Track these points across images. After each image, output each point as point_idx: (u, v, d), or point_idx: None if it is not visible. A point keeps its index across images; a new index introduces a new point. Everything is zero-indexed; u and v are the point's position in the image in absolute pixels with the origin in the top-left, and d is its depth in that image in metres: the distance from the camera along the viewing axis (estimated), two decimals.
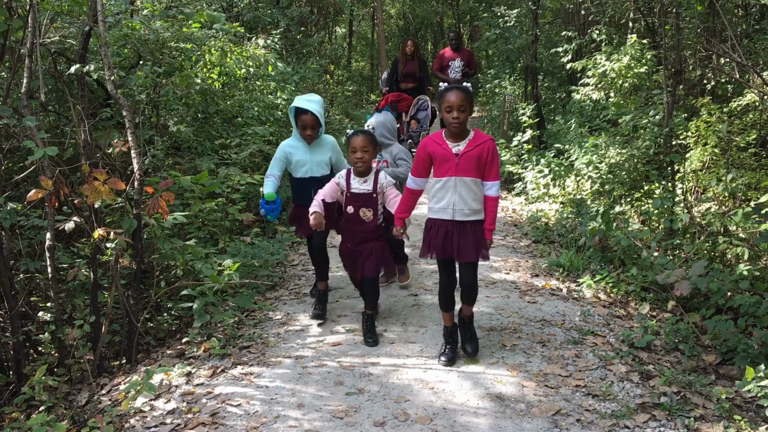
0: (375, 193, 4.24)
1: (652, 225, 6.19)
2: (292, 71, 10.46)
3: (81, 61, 4.46)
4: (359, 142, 4.15)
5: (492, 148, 3.78)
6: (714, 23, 8.11)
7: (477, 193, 3.80)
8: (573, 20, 10.85)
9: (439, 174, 3.82)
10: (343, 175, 4.29)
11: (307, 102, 4.53)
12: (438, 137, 3.83)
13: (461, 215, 3.81)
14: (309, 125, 4.55)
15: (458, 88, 3.70)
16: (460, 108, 3.67)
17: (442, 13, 29.53)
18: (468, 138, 3.79)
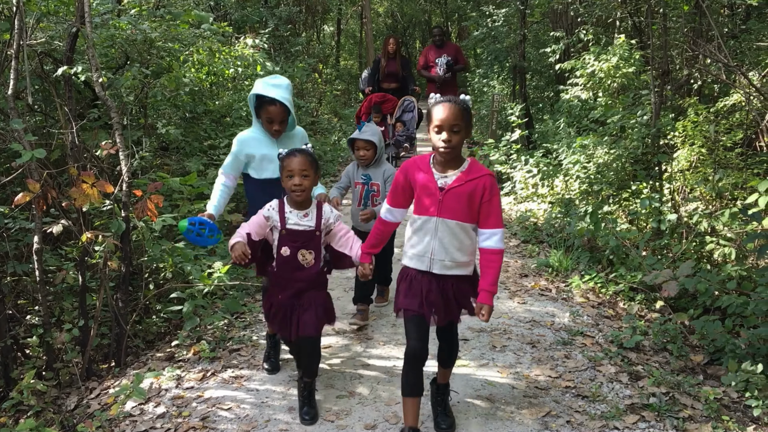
0: (318, 230, 3.30)
1: (640, 225, 6.23)
2: (281, 71, 10.42)
3: (68, 62, 4.43)
4: (297, 163, 3.18)
5: (490, 186, 2.91)
6: (701, 23, 8.17)
7: (463, 242, 2.98)
8: (561, 20, 10.88)
9: (418, 210, 3.02)
10: (274, 206, 3.29)
11: (272, 88, 3.59)
12: (424, 162, 3.01)
13: (440, 267, 2.99)
14: (277, 118, 3.62)
15: (452, 101, 2.84)
16: (452, 128, 2.81)
17: (430, 11, 29.55)
18: (461, 169, 2.93)
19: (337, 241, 3.38)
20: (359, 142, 4.38)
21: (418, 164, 3.04)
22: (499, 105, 11.29)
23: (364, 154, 4.37)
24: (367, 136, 4.32)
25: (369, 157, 4.40)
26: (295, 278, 3.30)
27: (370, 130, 4.32)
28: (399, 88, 9.79)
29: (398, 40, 10.03)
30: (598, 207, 6.22)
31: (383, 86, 9.77)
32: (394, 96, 9.51)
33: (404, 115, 9.59)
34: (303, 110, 12.07)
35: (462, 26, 22.41)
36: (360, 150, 4.37)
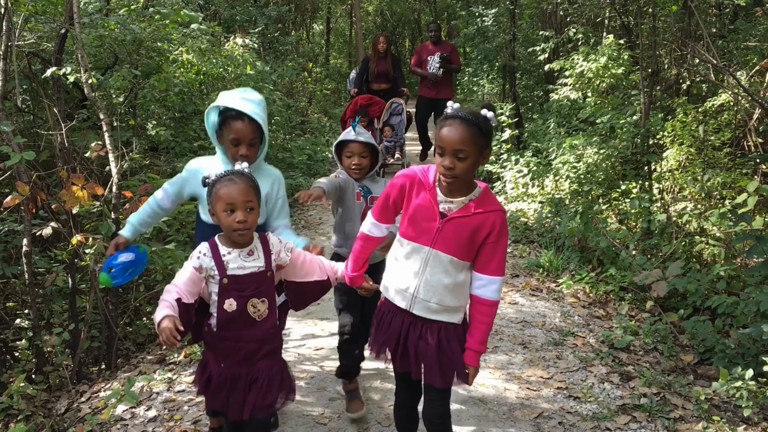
0: (269, 269, 2.54)
1: (630, 224, 6.26)
2: (270, 70, 10.39)
3: (57, 63, 4.40)
4: (239, 193, 2.41)
5: (500, 225, 2.40)
6: (689, 23, 8.21)
7: (456, 282, 2.47)
8: (550, 20, 10.91)
9: (409, 233, 2.49)
10: (205, 251, 2.47)
11: (242, 101, 2.79)
12: (426, 175, 2.48)
13: (422, 308, 2.51)
14: (245, 138, 2.76)
15: (464, 118, 2.28)
16: (456, 153, 2.27)
17: (420, 10, 29.57)
18: (470, 196, 2.41)
19: (297, 272, 2.68)
20: (353, 146, 3.27)
21: (420, 179, 2.48)
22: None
23: (359, 162, 3.27)
24: (365, 138, 3.30)
25: (365, 167, 3.31)
26: (244, 338, 2.53)
27: (365, 133, 3.40)
28: (390, 90, 9.32)
29: (388, 38, 9.59)
30: (588, 207, 6.25)
31: (373, 87, 9.30)
32: (383, 98, 9.08)
33: (392, 118, 9.13)
34: (293, 110, 12.04)
35: (451, 25, 22.43)
36: (353, 157, 3.28)
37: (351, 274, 2.72)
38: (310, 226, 7.45)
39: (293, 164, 9.79)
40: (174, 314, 2.34)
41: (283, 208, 3.01)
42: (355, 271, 2.71)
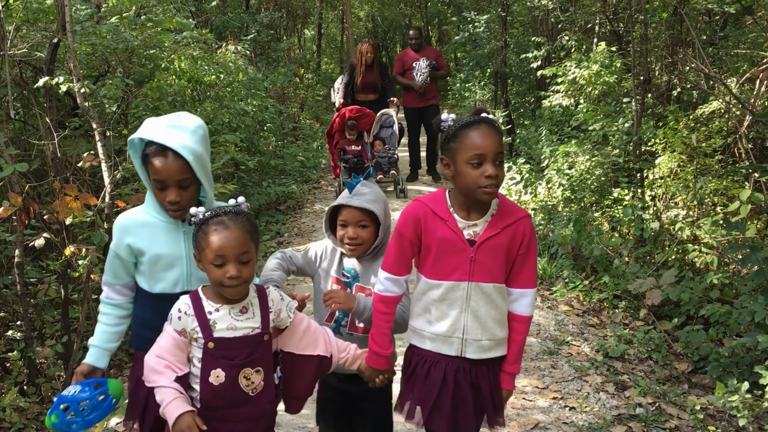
0: (267, 331, 2.10)
1: (623, 231, 6.29)
2: (263, 77, 10.37)
3: (49, 73, 4.37)
4: (229, 241, 1.98)
5: (529, 232, 2.20)
6: (680, 31, 8.27)
7: (502, 310, 2.24)
8: (541, 26, 10.96)
9: (437, 273, 2.21)
10: (185, 309, 2.05)
11: (167, 130, 2.17)
12: (439, 205, 2.20)
13: (475, 350, 2.22)
14: (170, 179, 2.16)
15: (488, 122, 2.10)
16: (497, 157, 2.07)
17: (410, 15, 29.61)
18: (490, 212, 2.19)
19: (297, 340, 2.22)
20: (348, 212, 2.44)
21: (431, 209, 2.19)
22: None
23: (356, 236, 2.43)
24: (367, 203, 2.42)
25: (366, 241, 2.46)
26: (235, 417, 2.07)
27: (372, 191, 2.49)
28: (378, 101, 8.72)
29: (375, 45, 8.83)
30: (581, 214, 6.27)
31: (359, 98, 8.70)
32: (371, 110, 8.45)
33: (383, 131, 8.55)
34: (285, 116, 12.02)
35: (442, 30, 22.51)
36: (348, 228, 2.44)
37: (379, 353, 2.27)
38: (303, 234, 7.44)
39: (286, 171, 9.78)
40: (191, 406, 1.97)
41: None
42: (383, 349, 2.27)
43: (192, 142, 2.16)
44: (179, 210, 2.20)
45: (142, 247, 2.24)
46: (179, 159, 2.13)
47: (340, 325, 2.53)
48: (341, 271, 2.52)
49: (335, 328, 2.49)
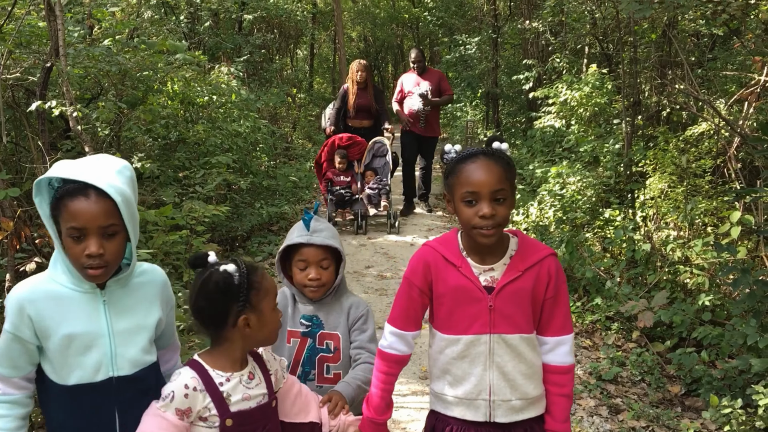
0: (273, 396, 1.91)
1: (614, 252, 6.31)
2: (255, 98, 10.41)
3: (42, 97, 4.38)
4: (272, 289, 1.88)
5: (555, 272, 1.96)
6: (669, 52, 8.37)
7: (533, 364, 1.97)
8: (532, 48, 11.06)
9: (454, 327, 1.97)
10: (194, 383, 1.76)
11: (89, 169, 1.77)
12: (451, 248, 1.98)
13: (506, 412, 1.96)
14: (92, 225, 1.73)
15: (488, 153, 1.89)
16: (494, 195, 1.86)
17: (402, 35, 29.83)
18: (509, 252, 1.97)
19: (289, 406, 2.00)
20: (308, 251, 2.24)
21: (441, 253, 1.97)
22: (472, 131, 11.37)
23: (317, 276, 2.24)
24: (329, 240, 2.26)
25: (327, 282, 2.27)
26: None
27: (327, 226, 2.33)
28: (372, 127, 8.17)
29: (368, 66, 8.28)
30: (573, 235, 6.29)
31: (352, 124, 8.13)
32: (364, 137, 7.96)
33: (375, 161, 8.06)
34: (277, 136, 12.05)
35: (434, 51, 22.67)
36: (310, 268, 2.24)
37: (374, 419, 2.04)
38: None
39: (278, 191, 9.78)
40: None
41: (174, 329, 2.09)
42: (379, 415, 2.04)
43: (119, 182, 1.77)
44: (101, 268, 1.74)
45: (49, 326, 1.76)
46: (104, 199, 1.72)
47: (307, 378, 2.27)
48: (298, 321, 2.28)
49: (304, 380, 2.25)
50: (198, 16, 10.78)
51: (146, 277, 1.96)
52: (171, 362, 2.09)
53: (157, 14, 9.67)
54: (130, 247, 1.86)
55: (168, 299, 2.01)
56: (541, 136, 9.26)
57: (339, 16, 19.46)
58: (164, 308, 1.96)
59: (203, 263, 1.84)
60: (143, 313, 1.90)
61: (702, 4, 5.77)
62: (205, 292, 1.79)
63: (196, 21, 10.92)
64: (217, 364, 1.80)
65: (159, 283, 1.98)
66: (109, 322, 1.83)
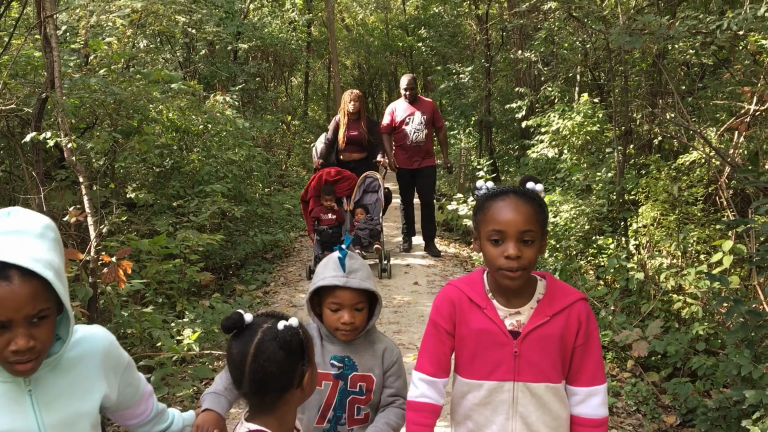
0: None
1: (608, 280, 6.32)
2: (250, 126, 10.46)
3: (36, 129, 4.40)
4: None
5: (585, 318, 1.86)
6: (659, 81, 8.47)
7: (559, 416, 1.88)
8: (525, 77, 11.18)
9: (476, 372, 1.88)
10: None
11: (3, 240, 1.40)
12: (476, 289, 1.90)
13: None
14: (19, 314, 1.37)
15: (518, 193, 1.81)
16: (522, 236, 1.77)
17: (396, 63, 30.10)
18: (536, 296, 1.88)
19: None
20: (346, 293, 2.08)
21: (466, 294, 1.89)
22: (466, 159, 11.44)
23: (351, 320, 2.09)
24: (362, 282, 2.09)
25: (361, 325, 2.13)
26: None
27: (362, 265, 2.16)
28: (364, 160, 7.66)
29: (361, 96, 7.82)
30: (566, 263, 6.30)
31: (343, 158, 7.63)
32: (355, 172, 7.43)
33: (366, 197, 7.48)
34: (271, 164, 12.10)
35: (428, 79, 22.87)
36: (343, 311, 2.09)
37: None
38: (290, 283, 7.41)
39: (273, 219, 9.79)
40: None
41: (137, 391, 1.78)
42: None
43: (44, 251, 1.43)
44: (30, 361, 1.42)
45: None
46: (31, 280, 1.38)
47: (338, 424, 2.15)
48: (328, 362, 2.12)
49: (330, 430, 2.15)
50: (193, 45, 10.87)
51: (82, 348, 1.58)
52: (147, 411, 1.83)
53: (153, 43, 9.75)
54: (62, 320, 1.51)
55: (116, 365, 1.68)
56: (534, 164, 9.32)
57: (333, 44, 19.66)
58: (111, 378, 1.65)
59: (241, 324, 1.66)
60: (80, 396, 1.57)
61: (691, 35, 5.87)
62: (270, 355, 1.61)
63: (191, 50, 11.01)
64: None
65: (99, 352, 1.62)
66: (38, 417, 1.49)
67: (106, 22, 6.75)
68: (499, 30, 12.43)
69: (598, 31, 6.85)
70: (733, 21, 4.44)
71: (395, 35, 27.62)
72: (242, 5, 11.84)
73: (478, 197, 1.90)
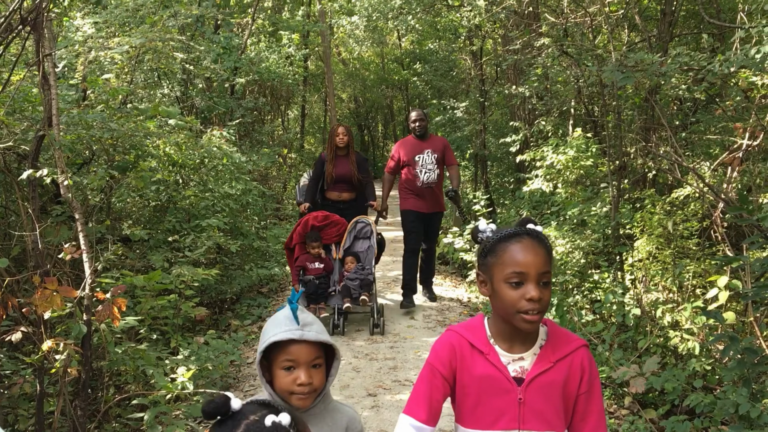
0: None
1: (604, 315, 6.31)
2: (247, 159, 10.51)
3: (33, 167, 4.41)
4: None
5: (588, 365, 1.85)
6: (653, 115, 8.55)
7: None
8: (519, 111, 11.29)
9: (479, 421, 1.83)
10: None
11: None
12: (475, 333, 1.87)
13: None
14: None
15: (532, 235, 1.80)
16: (542, 276, 1.76)
17: (392, 96, 30.38)
18: (539, 342, 1.85)
19: None
20: (302, 348, 1.84)
21: (467, 339, 1.85)
22: (462, 192, 11.47)
23: (308, 380, 1.83)
24: (319, 334, 1.86)
25: (318, 388, 1.87)
26: None
27: (315, 319, 1.91)
28: (354, 201, 6.99)
29: (349, 129, 7.13)
30: (562, 298, 6.30)
31: (329, 197, 6.97)
32: (343, 215, 6.79)
33: (357, 244, 6.81)
34: (267, 197, 12.12)
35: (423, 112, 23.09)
36: (299, 369, 1.83)
37: None
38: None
39: (269, 253, 9.77)
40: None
41: None
42: None
43: None
44: None
45: None
46: None
47: None
48: None
49: None
50: (191, 80, 10.97)
51: None
52: None
53: (151, 79, 9.83)
54: None
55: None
56: (530, 198, 9.36)
57: (330, 78, 19.87)
58: None
59: (226, 410, 1.46)
60: None
61: (683, 72, 5.95)
62: None
63: (188, 84, 11.10)
64: None
65: None
66: None
67: (104, 58, 6.81)
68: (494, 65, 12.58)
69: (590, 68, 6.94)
70: (724, 64, 4.52)
71: (391, 69, 27.93)
72: (240, 41, 11.97)
73: (483, 240, 1.87)
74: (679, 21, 9.24)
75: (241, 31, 13.11)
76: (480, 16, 9.89)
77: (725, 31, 8.03)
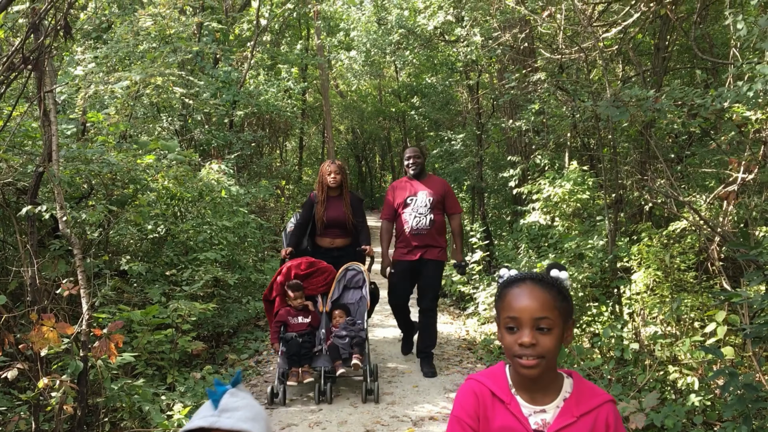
0: None
1: (603, 348, 6.29)
2: (245, 192, 10.54)
3: (32, 203, 4.43)
4: None
5: (614, 422, 1.76)
6: (648, 148, 8.62)
7: None
8: (516, 145, 11.37)
9: None
10: None
11: None
12: (496, 381, 1.83)
13: None
14: None
15: (533, 279, 1.77)
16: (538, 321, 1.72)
17: (390, 128, 30.60)
18: (563, 394, 1.79)
19: None
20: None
21: (488, 387, 1.80)
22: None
23: None
24: (238, 422, 1.47)
25: None
26: None
27: (247, 404, 1.53)
28: (350, 248, 6.14)
29: (343, 167, 6.20)
30: None
31: (321, 243, 6.14)
32: (338, 264, 5.94)
33: (347, 294, 5.95)
34: (265, 229, 12.13)
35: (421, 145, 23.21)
36: None
37: None
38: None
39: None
40: None
41: None
42: None
43: None
44: None
45: None
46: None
47: None
48: None
49: None
50: (190, 114, 11.06)
51: None
52: None
53: (150, 113, 9.91)
54: None
55: None
56: (528, 231, 9.39)
57: (327, 110, 20.02)
58: None
59: None
60: None
61: (677, 107, 6.01)
62: None
63: (187, 118, 11.19)
64: None
65: None
66: None
67: (104, 93, 6.88)
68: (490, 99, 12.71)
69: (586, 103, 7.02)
70: (717, 100, 4.57)
71: (388, 101, 28.15)
72: (239, 75, 12.09)
73: (499, 281, 1.86)
74: (673, 55, 9.37)
75: (240, 65, 13.25)
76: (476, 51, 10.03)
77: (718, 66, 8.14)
